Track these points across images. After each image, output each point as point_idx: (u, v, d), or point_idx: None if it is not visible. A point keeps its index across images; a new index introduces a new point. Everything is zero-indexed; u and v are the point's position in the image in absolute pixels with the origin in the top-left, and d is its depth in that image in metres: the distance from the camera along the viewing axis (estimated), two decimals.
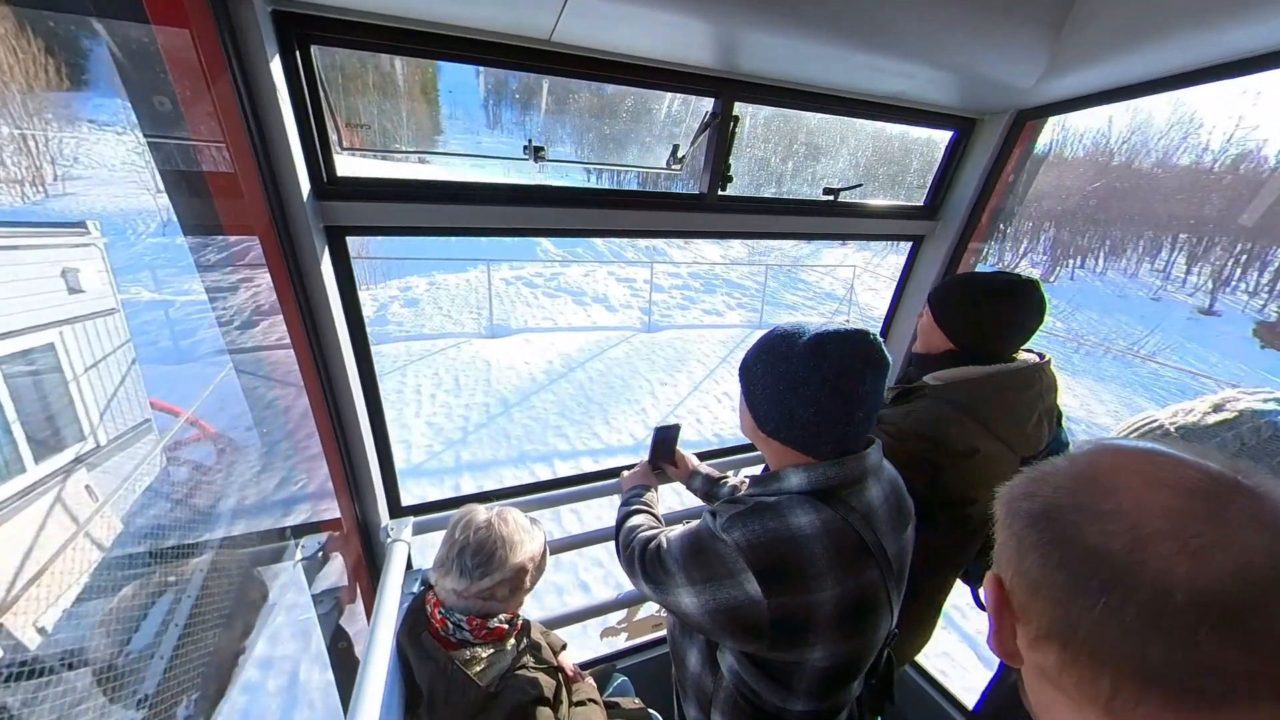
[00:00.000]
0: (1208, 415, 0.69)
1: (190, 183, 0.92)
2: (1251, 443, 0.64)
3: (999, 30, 1.13)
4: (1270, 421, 0.64)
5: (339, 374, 1.15)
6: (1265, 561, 0.28)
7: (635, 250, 17.97)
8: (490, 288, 9.94)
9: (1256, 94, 30.96)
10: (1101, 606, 0.32)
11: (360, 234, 1.12)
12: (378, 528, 1.33)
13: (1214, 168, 29.38)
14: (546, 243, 16.20)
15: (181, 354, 7.89)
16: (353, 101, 1.22)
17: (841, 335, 0.78)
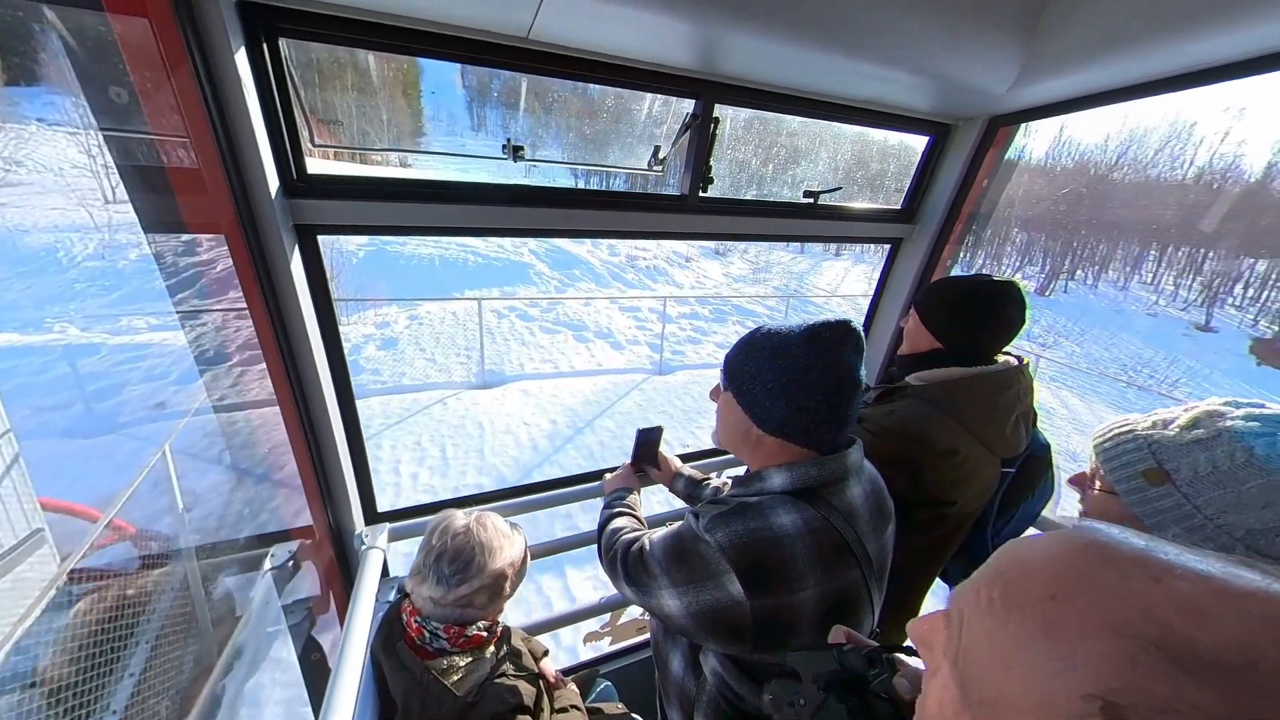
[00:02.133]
0: (1185, 432, 0.68)
1: (151, 179, 0.89)
2: (1224, 467, 0.63)
3: (972, 38, 1.15)
4: (1246, 446, 0.63)
5: (310, 377, 1.12)
6: None
7: (636, 271, 17.23)
8: (481, 324, 8.34)
9: (1240, 110, 32.43)
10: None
11: (332, 233, 1.09)
12: (352, 535, 1.29)
13: (1188, 178, 30.69)
14: (540, 265, 15.58)
15: (101, 422, 5.91)
16: (325, 98, 1.19)
17: (831, 325, 0.80)
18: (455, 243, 15.45)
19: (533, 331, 11.01)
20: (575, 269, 16.08)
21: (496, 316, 11.39)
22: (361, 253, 14.04)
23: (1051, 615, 0.26)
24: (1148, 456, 0.69)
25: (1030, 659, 0.26)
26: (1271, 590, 0.23)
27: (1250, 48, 0.99)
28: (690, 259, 19.53)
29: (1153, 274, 26.79)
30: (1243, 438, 0.63)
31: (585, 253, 17.14)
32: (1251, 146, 32.17)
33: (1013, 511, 1.31)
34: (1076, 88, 1.27)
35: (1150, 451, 0.69)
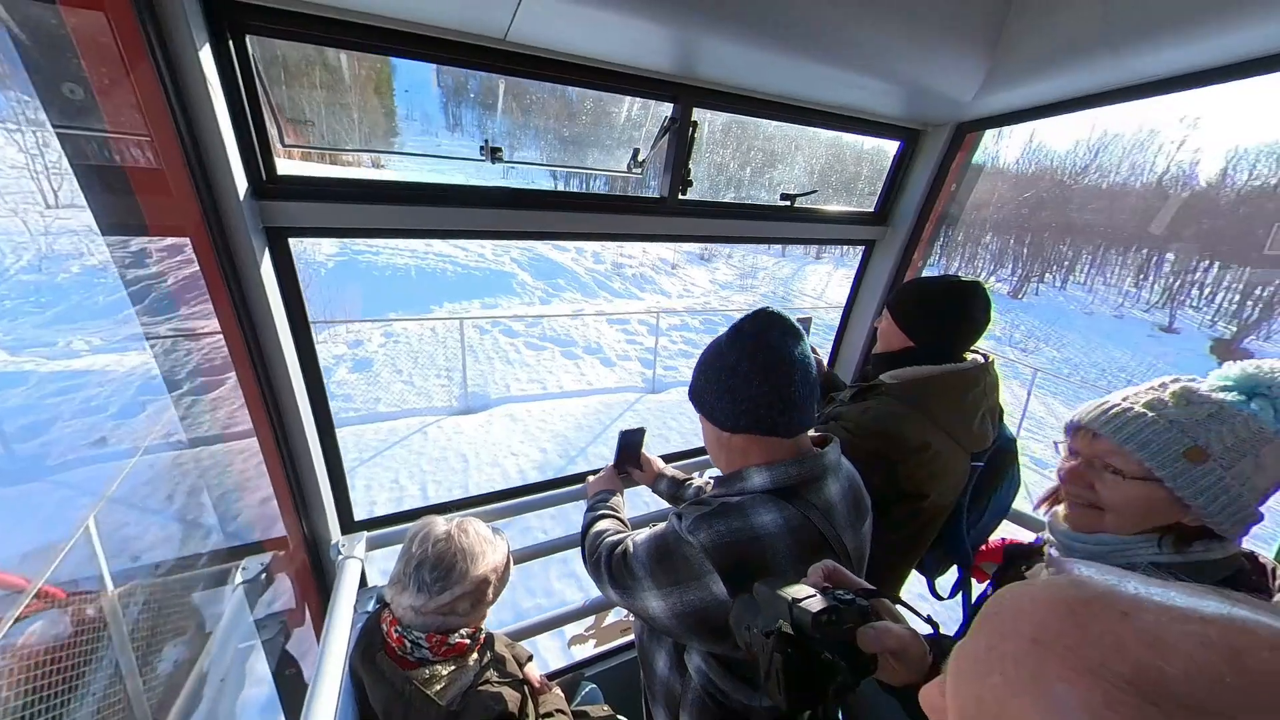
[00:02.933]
0: (1197, 409, 0.72)
1: (110, 179, 0.85)
2: (1243, 435, 0.69)
3: (938, 48, 1.19)
4: (1246, 415, 0.70)
5: (283, 383, 1.09)
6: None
7: (622, 280, 16.65)
8: (463, 343, 7.53)
9: (1195, 119, 34.39)
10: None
11: (305, 235, 1.06)
12: (328, 545, 1.25)
13: (1149, 183, 32.29)
14: (523, 274, 14.86)
15: (26, 467, 4.99)
16: (296, 96, 1.16)
17: (751, 316, 0.86)
18: (433, 251, 14.70)
19: (517, 348, 10.18)
20: (559, 278, 15.37)
21: (479, 332, 10.44)
22: (331, 263, 13.17)
23: (1036, 664, 0.26)
24: (1182, 437, 0.71)
25: (1019, 709, 0.26)
26: (1233, 615, 0.25)
27: (1199, 61, 1.05)
28: (676, 265, 19.24)
29: (1115, 275, 28.10)
30: (1239, 408, 0.70)
31: (569, 261, 16.55)
32: (1206, 154, 34.10)
33: (984, 503, 1.36)
34: (1036, 97, 1.33)
35: (1183, 432, 0.71)
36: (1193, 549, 0.73)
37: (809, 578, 0.57)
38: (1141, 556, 0.76)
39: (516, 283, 14.47)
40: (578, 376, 9.35)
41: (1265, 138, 38.65)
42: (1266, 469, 0.68)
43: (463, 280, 13.94)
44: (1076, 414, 0.84)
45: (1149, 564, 0.76)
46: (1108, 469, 0.77)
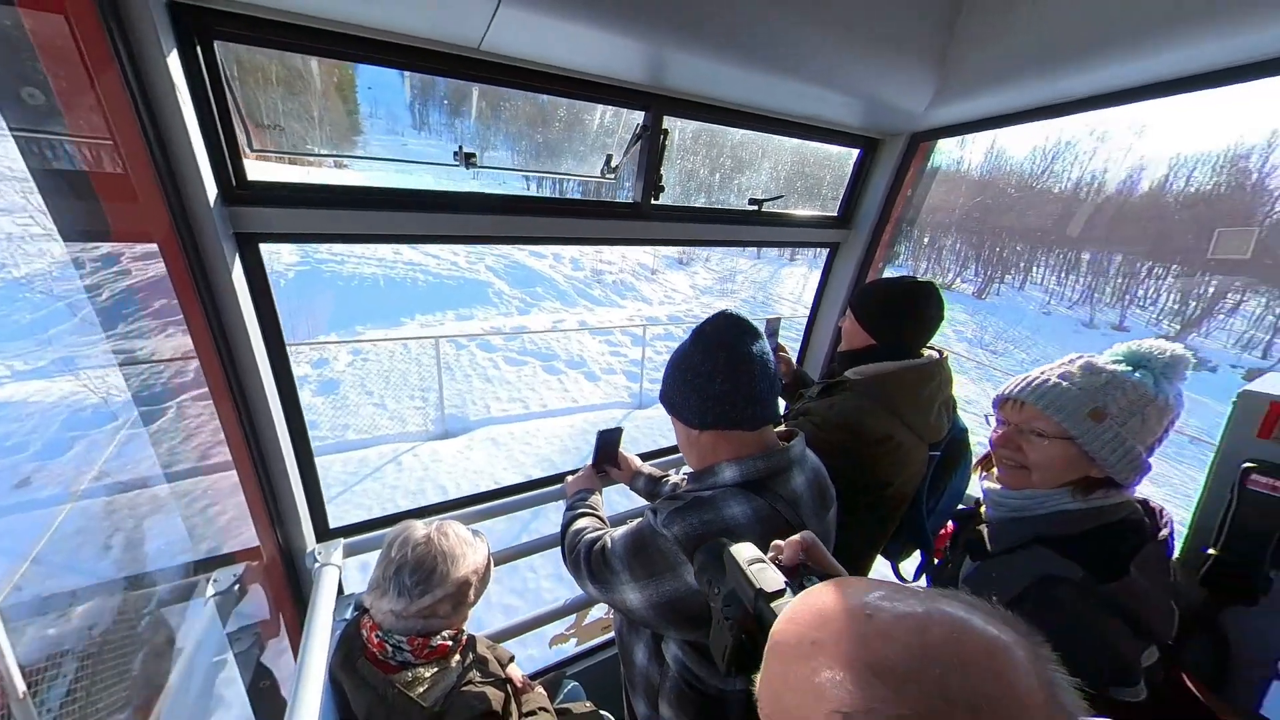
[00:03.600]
0: (1095, 378, 0.85)
1: (72, 184, 0.83)
2: (1133, 397, 0.83)
3: (892, 65, 1.27)
4: (1135, 382, 0.84)
5: (255, 391, 1.07)
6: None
7: (602, 287, 16.03)
8: (439, 362, 6.84)
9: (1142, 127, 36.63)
10: None
11: (275, 241, 1.06)
12: (303, 553, 1.24)
13: (1098, 188, 34.25)
14: (499, 283, 14.10)
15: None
16: (265, 101, 1.15)
17: (711, 319, 0.91)
18: (402, 260, 13.85)
19: (496, 364, 9.46)
20: (537, 286, 14.72)
21: (454, 348, 9.66)
22: (291, 273, 12.04)
23: (808, 656, 0.34)
24: (1087, 400, 0.85)
25: (795, 685, 0.34)
26: (930, 609, 0.33)
27: (1126, 80, 1.16)
28: (656, 271, 18.91)
29: (1069, 276, 29.70)
30: (1127, 376, 0.84)
31: (547, 268, 15.89)
32: (1152, 162, 36.41)
33: (941, 490, 1.45)
34: (981, 110, 1.43)
35: (1088, 396, 0.85)
36: (1094, 496, 0.85)
37: (786, 551, 0.58)
38: (1058, 505, 0.87)
39: (493, 292, 13.73)
40: (561, 393, 8.84)
41: (1205, 147, 41.61)
42: (1150, 425, 0.82)
43: (435, 290, 13.14)
44: (1004, 389, 0.96)
45: (1062, 511, 0.87)
46: (1033, 433, 0.89)
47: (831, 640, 0.34)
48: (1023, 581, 0.83)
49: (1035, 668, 0.32)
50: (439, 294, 13.00)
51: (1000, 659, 0.31)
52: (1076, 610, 0.78)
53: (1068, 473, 0.87)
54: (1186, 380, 0.86)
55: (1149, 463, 0.84)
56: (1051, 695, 0.31)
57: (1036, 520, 0.88)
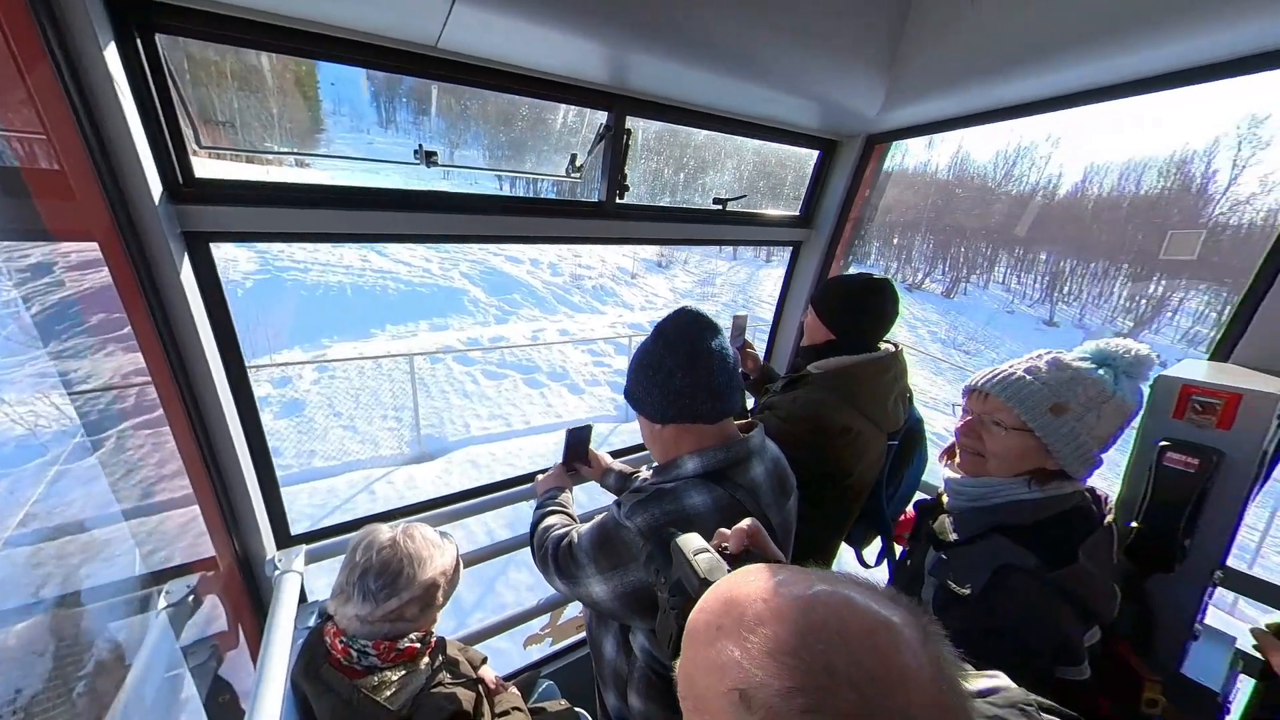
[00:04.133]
0: (1059, 373, 0.90)
1: (3, 180, 0.79)
2: (1093, 394, 0.87)
3: (844, 68, 1.33)
4: (1097, 379, 0.88)
5: (208, 394, 1.04)
6: None
7: (582, 293, 15.48)
8: (414, 380, 6.27)
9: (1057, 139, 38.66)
10: None
11: (227, 240, 1.03)
12: (263, 561, 1.20)
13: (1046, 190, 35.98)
14: (475, 290, 13.41)
15: None
16: (213, 97, 1.12)
17: (671, 316, 0.94)
18: (371, 267, 13.09)
19: (474, 378, 8.83)
20: (515, 293, 14.11)
21: (429, 361, 8.92)
22: (250, 282, 11.11)
23: (713, 636, 0.38)
24: (1050, 395, 0.89)
25: (702, 666, 0.37)
26: (818, 591, 0.37)
27: (1059, 87, 1.23)
28: (636, 275, 18.64)
29: (1017, 276, 31.13)
30: (1091, 374, 0.88)
31: (525, 274, 15.31)
32: (1104, 167, 38.38)
33: (900, 478, 1.51)
34: (932, 113, 1.50)
35: (1051, 391, 0.89)
36: (1049, 486, 0.90)
37: (732, 539, 0.60)
38: (1012, 494, 0.92)
39: (468, 300, 13.06)
40: (544, 408, 8.43)
41: (1155, 151, 44.25)
42: (1105, 422, 0.87)
43: (407, 299, 12.39)
44: (972, 379, 1.00)
45: (1017, 500, 0.91)
46: (994, 423, 0.94)
47: (732, 625, 0.37)
48: (983, 571, 0.87)
49: (921, 644, 0.34)
50: (411, 302, 12.32)
51: (882, 635, 0.33)
52: (1030, 597, 0.82)
53: (1023, 463, 0.92)
54: (1149, 380, 0.91)
55: (1100, 458, 0.89)
56: (938, 670, 0.33)
57: (995, 510, 0.93)
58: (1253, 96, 37.16)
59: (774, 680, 0.32)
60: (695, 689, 0.38)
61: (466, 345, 10.35)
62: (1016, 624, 0.82)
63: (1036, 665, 0.81)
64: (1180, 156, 35.34)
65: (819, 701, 0.31)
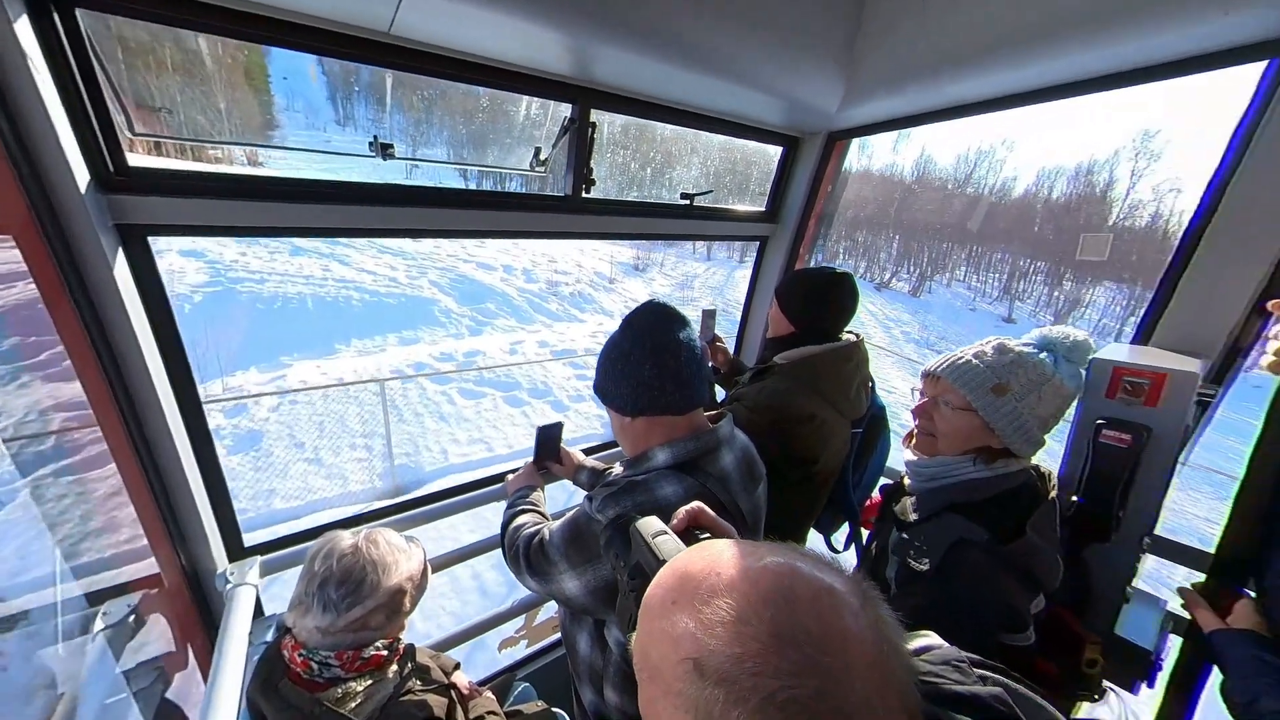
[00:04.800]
0: (1003, 357, 0.96)
1: None
2: (1034, 377, 0.93)
3: (803, 64, 1.36)
4: (1038, 362, 0.94)
5: (148, 399, 0.97)
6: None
7: (559, 300, 14.75)
8: (385, 407, 5.67)
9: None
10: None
11: (166, 233, 0.96)
12: (213, 575, 1.13)
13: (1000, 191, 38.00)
14: (446, 299, 12.57)
15: None
16: (148, 80, 1.05)
17: (638, 308, 0.95)
18: (334, 276, 12.17)
19: (451, 398, 8.10)
20: (489, 302, 13.29)
21: (399, 380, 8.08)
22: (199, 295, 10.08)
23: (667, 608, 0.39)
24: (992, 376, 0.94)
25: (658, 639, 0.39)
26: (766, 562, 0.38)
27: (1003, 88, 1.30)
28: (614, 280, 18.23)
29: (977, 274, 32.91)
30: (1033, 358, 0.94)
31: (499, 282, 14.54)
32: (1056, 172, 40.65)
33: (865, 465, 1.56)
34: (888, 111, 1.55)
35: (993, 372, 0.94)
36: (996, 464, 0.95)
37: (675, 520, 0.61)
38: (965, 473, 0.97)
39: (439, 310, 12.18)
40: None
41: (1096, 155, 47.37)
42: (1046, 402, 0.93)
43: (372, 311, 11.45)
44: (928, 365, 1.05)
45: (970, 479, 0.96)
46: (944, 403, 1.00)
47: (687, 598, 0.38)
48: (939, 547, 0.91)
49: (861, 606, 0.36)
50: (378, 315, 11.41)
51: (825, 600, 0.36)
52: (982, 570, 0.87)
53: (969, 441, 0.97)
54: (1079, 363, 0.97)
55: (1043, 438, 0.94)
56: (877, 630, 0.36)
57: (950, 488, 0.97)
58: (1144, 110, 40.67)
59: (726, 647, 0.34)
60: (650, 661, 0.39)
61: (439, 360, 9.66)
62: (970, 595, 0.86)
63: (988, 633, 0.86)
64: (1087, 166, 38.27)
65: (767, 663, 0.33)
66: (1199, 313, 1.17)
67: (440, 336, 11.34)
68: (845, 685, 0.32)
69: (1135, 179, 36.74)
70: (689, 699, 0.35)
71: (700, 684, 0.34)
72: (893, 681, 0.35)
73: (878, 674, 0.34)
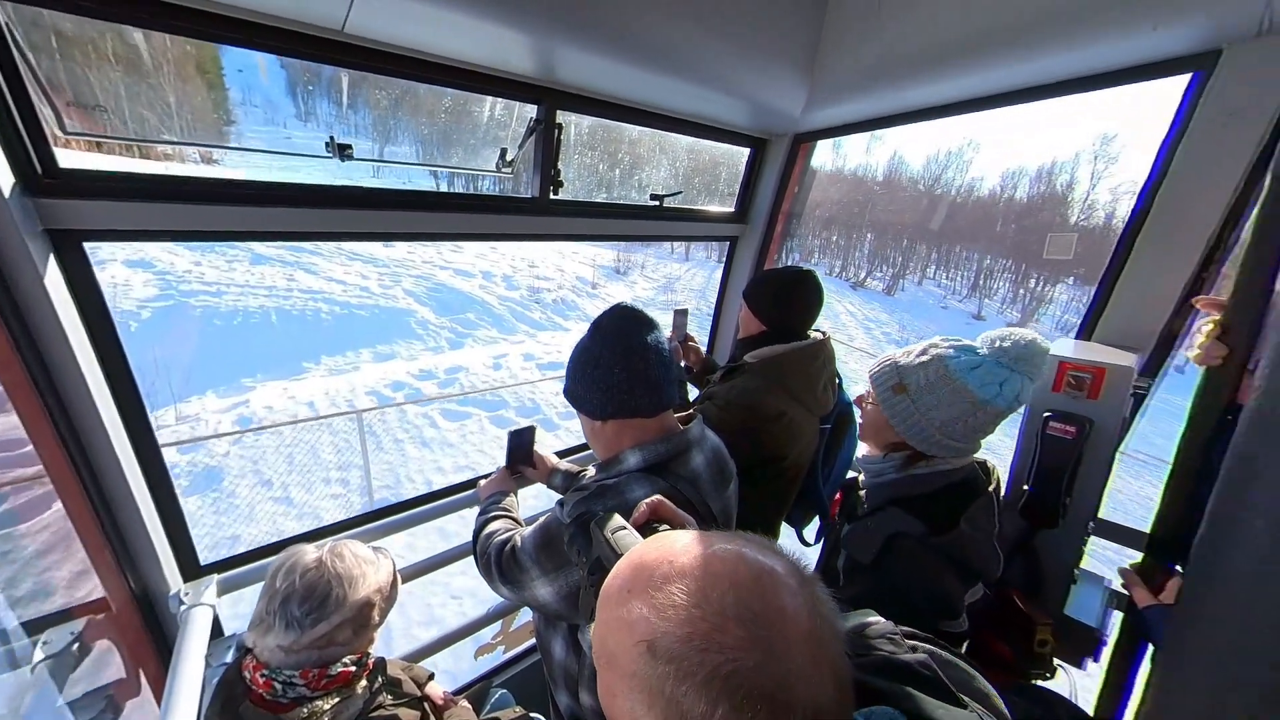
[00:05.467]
0: (916, 358, 0.99)
1: None
2: (933, 379, 0.95)
3: (769, 69, 1.38)
4: (943, 364, 0.95)
5: (87, 414, 0.91)
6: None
7: (542, 308, 14.12)
8: (362, 434, 5.11)
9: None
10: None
11: (104, 239, 0.91)
12: (165, 596, 1.08)
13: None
14: (423, 310, 11.75)
15: None
16: (82, 75, 0.99)
17: (607, 312, 0.95)
18: (299, 286, 11.20)
19: (433, 420, 7.43)
20: (468, 311, 12.54)
21: (377, 401, 7.26)
22: (147, 311, 9.10)
23: (624, 596, 0.42)
24: (895, 375, 0.98)
25: (614, 626, 0.41)
26: (716, 549, 0.41)
27: (962, 92, 1.35)
28: (597, 285, 17.81)
29: (946, 272, 34.21)
30: (943, 360, 0.95)
31: (478, 289, 13.81)
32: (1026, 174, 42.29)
33: (834, 459, 1.60)
34: (850, 114, 1.60)
35: (897, 372, 0.98)
36: (917, 467, 0.99)
37: (636, 514, 0.62)
38: (888, 473, 1.02)
39: (415, 322, 11.31)
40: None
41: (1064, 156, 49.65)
42: (945, 404, 0.94)
43: (343, 324, 10.54)
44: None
45: (912, 475, 0.99)
46: (867, 399, 1.07)
47: (641, 586, 0.41)
48: (879, 539, 0.95)
49: (799, 586, 0.40)
50: (349, 328, 10.56)
51: (766, 580, 0.39)
52: (915, 560, 0.90)
53: (879, 436, 1.03)
54: (1012, 368, 0.90)
55: (948, 441, 0.94)
56: (813, 607, 0.39)
57: (891, 484, 1.01)
58: (1105, 119, 43.46)
59: (677, 629, 0.37)
60: (608, 648, 0.42)
61: (419, 379, 8.76)
62: (904, 584, 0.91)
63: (921, 619, 0.90)
64: (1049, 168, 40.41)
65: (713, 641, 0.36)
66: (1135, 310, 1.25)
67: (418, 350, 10.63)
68: (784, 657, 0.35)
69: (1095, 180, 39.08)
70: (642, 679, 0.37)
71: (653, 664, 0.37)
72: (826, 653, 0.38)
73: (812, 647, 0.37)
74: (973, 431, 0.93)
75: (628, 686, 0.39)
